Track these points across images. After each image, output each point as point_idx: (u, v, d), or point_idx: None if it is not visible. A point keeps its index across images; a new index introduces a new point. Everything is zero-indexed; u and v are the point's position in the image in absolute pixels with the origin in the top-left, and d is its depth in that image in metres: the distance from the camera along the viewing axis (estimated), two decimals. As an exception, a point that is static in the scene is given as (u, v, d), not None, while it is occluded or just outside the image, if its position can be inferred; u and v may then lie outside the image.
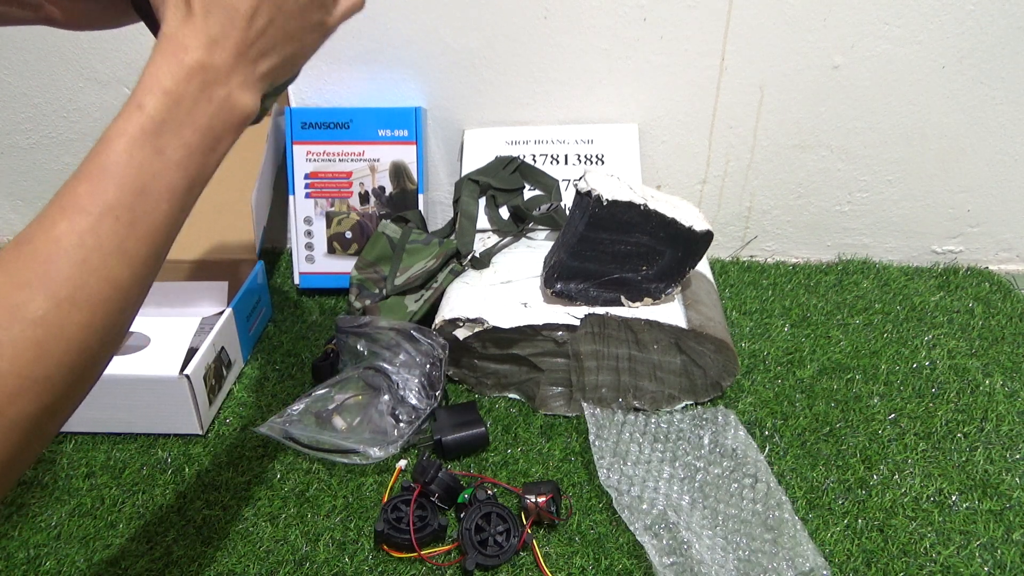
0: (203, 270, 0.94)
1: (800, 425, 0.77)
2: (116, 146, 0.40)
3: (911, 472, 0.72)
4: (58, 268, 0.37)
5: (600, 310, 0.76)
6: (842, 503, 0.69)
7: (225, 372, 0.82)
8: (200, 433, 0.76)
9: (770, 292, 1.00)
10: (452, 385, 0.84)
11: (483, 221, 0.96)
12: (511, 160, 1.00)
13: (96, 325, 0.38)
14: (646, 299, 0.77)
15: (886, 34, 0.93)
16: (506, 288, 0.81)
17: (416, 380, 0.77)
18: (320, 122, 0.98)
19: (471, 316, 0.77)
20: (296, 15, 0.46)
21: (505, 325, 0.76)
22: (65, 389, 0.38)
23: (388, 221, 0.95)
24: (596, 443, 0.71)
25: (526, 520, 0.65)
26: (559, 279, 0.77)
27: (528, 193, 0.99)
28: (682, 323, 0.75)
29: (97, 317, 0.38)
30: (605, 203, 0.72)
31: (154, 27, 0.54)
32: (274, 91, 0.54)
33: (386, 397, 0.76)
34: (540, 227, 0.94)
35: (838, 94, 0.98)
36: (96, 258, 0.38)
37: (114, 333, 0.40)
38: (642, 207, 0.72)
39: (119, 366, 0.75)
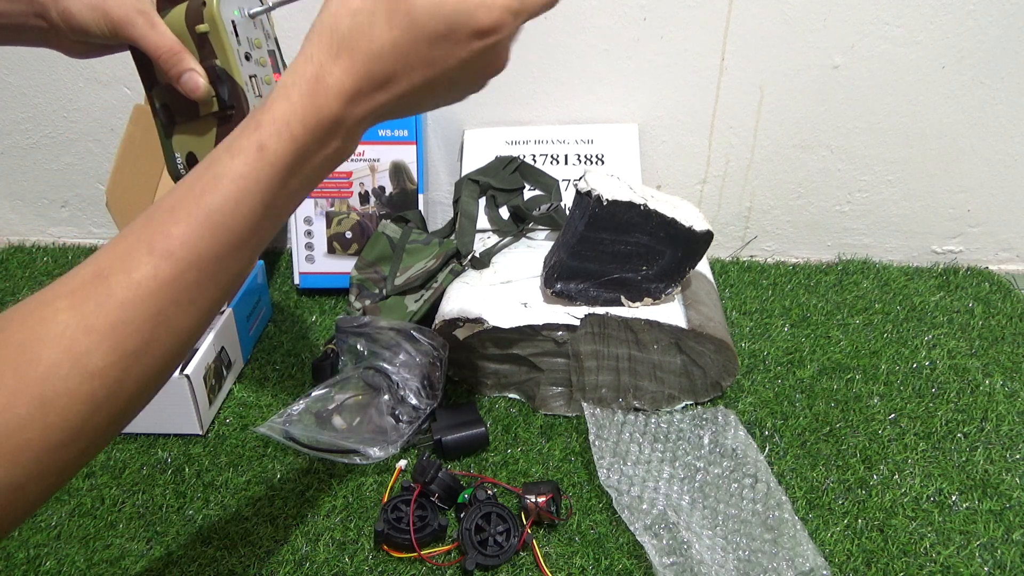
0: (203, 270, 0.94)
1: (800, 425, 0.77)
2: (226, 190, 0.36)
3: (911, 472, 0.72)
4: (131, 317, 0.34)
5: (600, 310, 0.76)
6: (842, 503, 0.69)
7: (225, 372, 0.82)
8: (200, 433, 0.76)
9: (770, 292, 1.00)
10: (452, 385, 0.84)
11: (483, 221, 0.96)
12: (511, 160, 1.00)
13: (152, 377, 0.36)
14: (646, 299, 0.77)
15: (886, 34, 0.93)
16: (506, 288, 0.81)
17: (416, 380, 0.77)
18: (320, 122, 0.98)
19: (471, 316, 0.77)
20: (447, 93, 0.42)
21: (505, 325, 0.76)
22: (108, 438, 0.36)
23: (388, 221, 0.95)
24: (596, 443, 0.71)
25: (526, 520, 0.65)
26: (559, 279, 0.77)
27: (528, 193, 0.99)
28: (682, 323, 0.75)
29: (155, 369, 0.36)
30: (605, 203, 0.72)
31: (147, 81, 0.55)
32: None
33: (386, 397, 0.76)
34: (540, 227, 0.94)
35: (838, 94, 0.98)
36: (171, 310, 0.35)
37: (164, 380, 0.38)
38: (642, 207, 0.72)
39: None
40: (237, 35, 0.51)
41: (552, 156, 1.01)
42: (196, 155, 0.54)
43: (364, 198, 1.00)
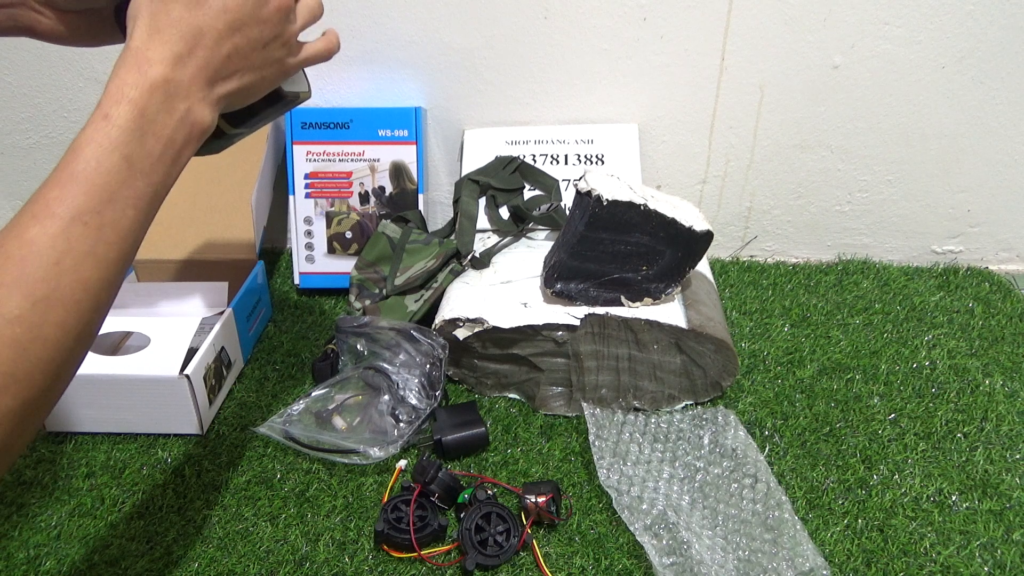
0: (203, 270, 0.94)
1: (800, 425, 0.77)
2: (85, 154, 0.41)
3: (911, 472, 0.72)
4: (33, 269, 0.38)
5: (600, 310, 0.76)
6: (842, 503, 0.69)
7: (225, 372, 0.82)
8: (200, 433, 0.76)
9: (770, 292, 1.00)
10: (452, 385, 0.84)
11: (483, 221, 0.96)
12: (511, 160, 1.00)
13: (71, 324, 0.40)
14: (646, 299, 0.77)
15: (886, 34, 0.93)
16: (506, 288, 0.81)
17: (416, 380, 0.77)
18: (320, 122, 0.98)
19: (471, 316, 0.77)
20: (259, 49, 0.49)
21: (505, 325, 0.76)
22: (43, 386, 0.39)
23: (388, 221, 0.95)
24: (596, 443, 0.71)
25: (526, 520, 0.65)
26: (559, 279, 0.77)
27: (528, 193, 0.99)
28: (682, 323, 0.75)
29: (71, 316, 0.40)
30: (605, 203, 0.72)
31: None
32: (251, 124, 0.55)
33: (386, 397, 0.76)
34: (540, 227, 0.94)
35: (838, 94, 0.98)
36: (68, 260, 0.40)
37: (87, 332, 0.42)
38: (642, 207, 0.72)
39: (119, 366, 0.75)
40: None
41: (552, 156, 1.01)
42: None
43: (364, 198, 1.00)
